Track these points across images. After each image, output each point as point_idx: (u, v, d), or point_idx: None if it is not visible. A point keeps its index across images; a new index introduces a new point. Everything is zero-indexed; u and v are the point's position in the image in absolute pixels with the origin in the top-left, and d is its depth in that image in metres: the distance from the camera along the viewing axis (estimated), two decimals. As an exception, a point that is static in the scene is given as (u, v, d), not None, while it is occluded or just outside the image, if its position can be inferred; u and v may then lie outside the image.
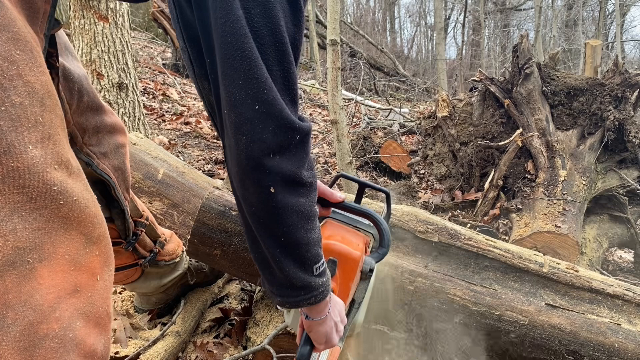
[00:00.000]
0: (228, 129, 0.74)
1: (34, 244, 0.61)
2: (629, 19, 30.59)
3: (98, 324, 0.68)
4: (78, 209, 0.66)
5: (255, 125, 0.72)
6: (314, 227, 0.84)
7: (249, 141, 0.72)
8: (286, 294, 0.87)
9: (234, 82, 0.71)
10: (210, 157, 4.09)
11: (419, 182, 4.12)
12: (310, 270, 0.85)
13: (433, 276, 1.53)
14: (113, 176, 1.20)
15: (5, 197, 0.59)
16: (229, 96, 0.72)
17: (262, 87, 0.71)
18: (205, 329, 1.74)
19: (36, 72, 0.64)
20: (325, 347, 1.01)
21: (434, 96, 9.47)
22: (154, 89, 6.14)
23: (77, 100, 1.08)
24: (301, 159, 0.78)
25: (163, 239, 1.59)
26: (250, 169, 0.74)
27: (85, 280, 0.67)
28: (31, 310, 0.60)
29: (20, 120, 0.61)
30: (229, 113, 0.73)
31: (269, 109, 0.72)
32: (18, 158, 0.60)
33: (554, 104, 3.53)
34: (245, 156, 0.73)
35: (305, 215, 0.81)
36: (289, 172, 0.76)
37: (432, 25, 22.05)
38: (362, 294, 1.11)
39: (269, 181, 0.75)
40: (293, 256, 0.82)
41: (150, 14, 8.60)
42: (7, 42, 0.61)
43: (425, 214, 1.67)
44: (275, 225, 0.79)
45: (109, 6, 3.19)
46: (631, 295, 1.57)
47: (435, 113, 4.20)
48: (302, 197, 0.79)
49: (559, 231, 2.69)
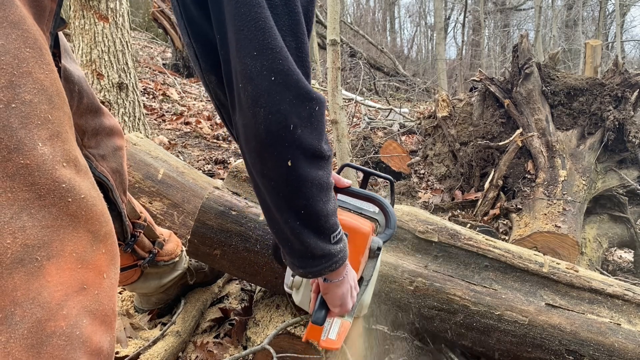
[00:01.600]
0: (243, 103, 0.73)
1: (43, 242, 0.61)
2: (629, 19, 30.58)
3: (104, 321, 0.68)
4: (86, 207, 0.66)
5: (273, 97, 0.70)
6: (331, 197, 0.84)
7: (267, 113, 0.71)
8: (308, 265, 0.89)
9: (248, 53, 0.69)
10: (210, 157, 4.09)
11: (419, 182, 4.12)
12: (328, 239, 0.87)
13: (433, 276, 1.53)
14: (111, 178, 1.20)
15: (15, 194, 0.59)
16: (244, 68, 0.70)
17: (278, 57, 0.70)
18: (205, 329, 1.74)
19: (45, 70, 0.65)
20: (340, 311, 1.04)
21: (434, 96, 9.47)
22: (154, 89, 6.14)
23: (77, 101, 1.09)
24: (321, 131, 0.77)
25: (162, 239, 1.59)
26: (269, 143, 0.73)
27: (92, 278, 0.67)
28: (39, 308, 0.60)
29: (30, 117, 0.61)
30: (245, 86, 0.71)
31: (285, 79, 0.71)
32: (28, 155, 0.60)
33: (554, 104, 3.53)
34: (265, 129, 0.72)
35: (324, 187, 0.81)
36: (310, 145, 0.75)
37: (432, 25, 22.05)
38: (370, 272, 1.14)
39: (290, 155, 0.74)
40: (313, 228, 0.84)
41: (150, 14, 8.60)
42: (17, 40, 0.61)
43: (425, 214, 1.67)
44: (296, 198, 0.79)
45: (109, 6, 3.19)
46: (631, 295, 1.57)
47: (435, 113, 4.20)
48: (320, 169, 0.79)
49: (559, 231, 2.69)
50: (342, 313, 1.06)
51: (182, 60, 8.53)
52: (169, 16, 8.20)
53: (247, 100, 0.72)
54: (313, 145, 0.76)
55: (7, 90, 0.59)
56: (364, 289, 1.15)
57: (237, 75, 0.72)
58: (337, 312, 1.05)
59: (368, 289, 1.18)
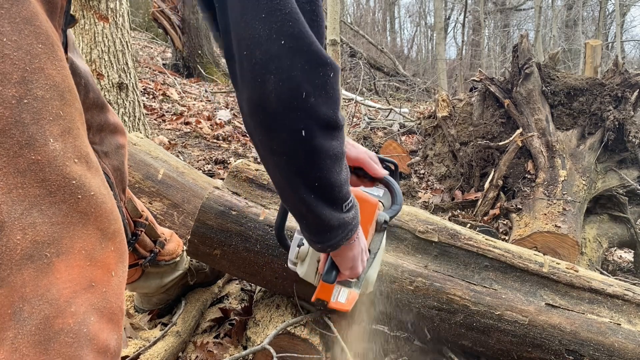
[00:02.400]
0: (248, 73, 0.68)
1: (52, 238, 0.61)
2: (629, 19, 30.58)
3: (111, 319, 0.68)
4: (95, 204, 0.66)
5: (283, 62, 0.66)
6: (344, 167, 0.81)
7: (277, 80, 0.66)
8: (326, 239, 0.88)
9: (256, 16, 0.65)
10: (210, 157, 4.09)
11: (419, 182, 4.12)
12: (341, 208, 0.84)
13: (433, 276, 1.53)
14: (112, 176, 1.20)
15: (26, 190, 0.59)
16: (252, 33, 0.66)
17: (288, 20, 0.65)
18: (205, 329, 1.74)
19: (57, 65, 0.65)
20: (350, 274, 1.03)
21: (434, 96, 9.47)
22: (154, 89, 6.14)
23: (84, 95, 1.09)
24: (336, 99, 0.72)
25: (163, 238, 1.59)
26: (281, 113, 0.68)
27: (100, 276, 0.67)
28: (47, 304, 0.60)
29: (41, 113, 0.61)
30: (252, 53, 0.66)
31: (297, 43, 0.66)
32: (39, 151, 0.60)
33: (554, 104, 3.53)
34: (275, 98, 0.67)
35: (338, 157, 0.77)
36: (324, 115, 0.71)
37: (432, 25, 22.04)
38: (377, 246, 1.14)
39: (303, 125, 0.70)
40: (327, 199, 0.81)
41: (150, 14, 8.60)
42: (30, 36, 0.62)
43: (425, 214, 1.67)
44: (310, 172, 0.75)
45: (109, 6, 3.19)
46: (631, 295, 1.57)
47: (435, 113, 4.20)
48: (335, 139, 0.75)
49: (559, 231, 2.69)
50: (352, 276, 1.05)
51: (182, 60, 8.53)
52: (169, 16, 8.20)
53: (253, 68, 0.67)
54: (328, 114, 0.71)
55: (20, 86, 0.60)
56: (371, 262, 1.14)
57: (242, 43, 0.67)
58: (347, 275, 1.03)
59: (374, 263, 1.17)
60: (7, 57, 0.59)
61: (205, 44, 8.61)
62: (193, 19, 8.32)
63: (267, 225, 1.52)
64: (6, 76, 0.59)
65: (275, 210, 1.57)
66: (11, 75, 0.59)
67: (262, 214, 1.54)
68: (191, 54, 8.46)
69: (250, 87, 0.68)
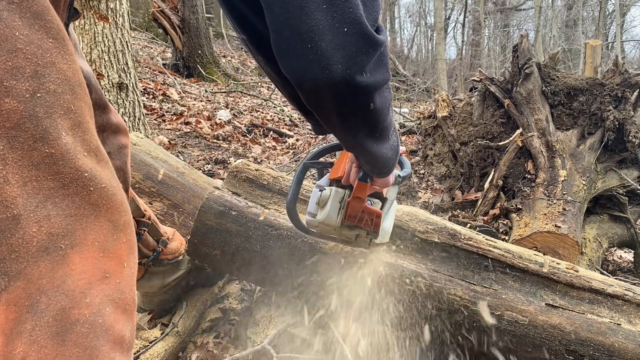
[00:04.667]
0: (317, 63, 0.69)
1: (66, 230, 0.62)
2: (629, 19, 30.58)
3: (125, 310, 0.69)
4: (106, 196, 0.67)
5: (348, 50, 0.69)
6: (391, 103, 0.87)
7: (344, 68, 0.69)
8: (390, 169, 1.04)
9: (318, 7, 0.67)
10: (210, 157, 4.09)
11: (419, 182, 4.12)
12: (390, 138, 0.94)
13: (433, 276, 1.53)
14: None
15: (40, 183, 0.60)
16: (314, 24, 0.67)
17: (348, 6, 0.68)
18: (205, 329, 1.74)
19: (68, 60, 0.65)
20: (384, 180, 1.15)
21: (434, 96, 9.46)
22: (154, 89, 6.14)
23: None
24: (387, 62, 0.77)
25: (166, 237, 1.60)
26: (350, 95, 0.73)
27: (113, 267, 0.67)
28: (63, 296, 0.60)
29: (54, 107, 0.62)
30: (318, 44, 0.68)
31: (359, 28, 0.69)
32: (52, 145, 0.61)
33: (554, 104, 3.53)
34: (344, 84, 0.71)
35: (390, 100, 0.84)
36: (382, 80, 0.77)
37: (432, 25, 22.04)
38: (393, 195, 1.28)
39: (370, 99, 0.76)
40: (384, 140, 0.91)
41: (150, 14, 8.60)
42: (40, 30, 0.62)
43: (425, 214, 1.67)
44: (374, 128, 0.84)
45: (109, 6, 3.19)
46: (631, 295, 1.57)
47: (435, 113, 4.20)
48: (388, 89, 0.82)
49: (559, 231, 2.69)
50: (387, 182, 1.17)
51: (182, 60, 8.53)
52: (169, 16, 8.20)
53: (319, 60, 0.69)
54: (384, 77, 0.77)
55: (33, 80, 0.60)
56: (387, 211, 1.27)
57: (304, 37, 0.68)
58: (381, 182, 1.15)
59: (390, 214, 1.30)
60: (20, 52, 0.60)
61: (205, 44, 8.60)
62: (193, 19, 8.32)
63: (267, 225, 1.52)
64: (20, 70, 0.59)
65: (276, 210, 1.57)
66: (24, 70, 0.60)
67: (262, 214, 1.54)
68: (191, 54, 8.46)
69: (316, 78, 0.71)
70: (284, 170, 4.06)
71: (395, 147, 1.01)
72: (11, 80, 0.59)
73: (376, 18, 0.74)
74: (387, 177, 1.13)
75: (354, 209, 1.17)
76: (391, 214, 1.31)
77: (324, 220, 1.20)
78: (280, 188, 1.63)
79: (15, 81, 0.59)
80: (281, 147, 5.03)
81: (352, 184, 1.17)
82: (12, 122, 0.58)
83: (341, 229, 1.21)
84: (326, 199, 1.20)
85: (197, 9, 8.41)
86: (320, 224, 1.22)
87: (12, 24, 0.59)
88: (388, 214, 1.29)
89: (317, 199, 1.22)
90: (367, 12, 0.71)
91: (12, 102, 0.58)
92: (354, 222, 1.19)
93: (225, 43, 13.29)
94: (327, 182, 1.27)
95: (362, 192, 1.15)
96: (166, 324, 1.70)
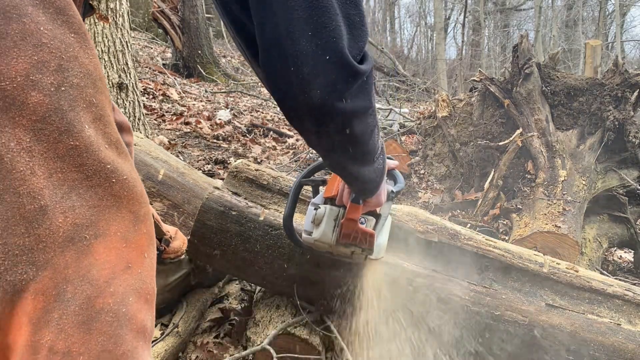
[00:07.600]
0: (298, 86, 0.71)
1: (90, 221, 0.63)
2: (629, 19, 30.54)
3: (147, 300, 0.70)
4: (127, 188, 0.68)
5: (328, 78, 0.70)
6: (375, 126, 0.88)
7: (323, 94, 0.71)
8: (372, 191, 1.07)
9: (303, 34, 0.68)
10: (210, 157, 4.09)
11: (419, 182, 4.12)
12: (375, 161, 0.97)
13: (433, 276, 1.53)
14: None
15: (65, 174, 0.61)
16: (299, 49, 0.69)
17: (332, 36, 0.69)
18: (205, 329, 1.74)
19: (89, 54, 0.67)
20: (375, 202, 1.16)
21: (434, 96, 9.46)
22: (154, 89, 6.14)
23: None
24: (371, 89, 0.78)
25: (168, 236, 1.60)
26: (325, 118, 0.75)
27: (135, 257, 0.68)
28: (88, 285, 0.62)
29: (77, 100, 0.64)
30: (300, 68, 0.70)
31: (339, 57, 0.70)
32: (77, 137, 0.62)
33: (554, 104, 3.53)
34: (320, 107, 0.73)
35: (373, 126, 0.86)
36: (362, 107, 0.78)
37: (432, 25, 22.04)
38: (386, 211, 1.29)
39: (347, 124, 0.77)
40: (367, 163, 0.94)
41: (150, 14, 8.61)
42: (63, 25, 0.64)
43: (425, 214, 1.67)
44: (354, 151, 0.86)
45: (109, 6, 3.19)
46: (631, 295, 1.57)
47: (435, 113, 4.20)
48: (371, 116, 0.83)
49: (559, 231, 2.69)
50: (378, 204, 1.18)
51: (182, 60, 8.53)
52: (169, 16, 8.20)
53: (300, 83, 0.71)
54: (365, 105, 0.78)
55: (57, 74, 0.62)
56: (381, 226, 1.28)
57: (289, 60, 0.70)
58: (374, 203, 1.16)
59: (384, 229, 1.31)
60: (44, 46, 0.61)
61: (205, 44, 8.61)
62: (193, 19, 8.33)
63: (267, 225, 1.52)
64: (45, 64, 0.61)
65: (275, 210, 1.57)
66: (49, 64, 0.61)
67: (262, 214, 1.54)
68: (191, 54, 8.47)
69: (296, 100, 0.74)
70: (284, 170, 4.06)
71: (380, 170, 1.02)
72: (37, 74, 0.60)
73: (362, 47, 0.74)
74: (379, 196, 1.15)
75: (348, 229, 1.19)
76: (385, 229, 1.33)
77: (320, 238, 1.23)
78: (280, 188, 1.63)
79: (41, 75, 0.60)
80: (281, 147, 5.03)
81: (345, 204, 1.19)
82: (38, 115, 0.60)
83: (337, 246, 1.24)
84: (321, 218, 1.23)
85: (197, 9, 8.42)
86: (316, 242, 1.25)
87: (37, 18, 0.61)
88: (382, 230, 1.30)
89: (312, 217, 1.25)
90: (352, 41, 0.72)
91: (38, 96, 0.60)
92: (348, 240, 1.21)
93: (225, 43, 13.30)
94: (322, 200, 1.29)
95: (354, 214, 1.17)
96: (166, 324, 1.70)
